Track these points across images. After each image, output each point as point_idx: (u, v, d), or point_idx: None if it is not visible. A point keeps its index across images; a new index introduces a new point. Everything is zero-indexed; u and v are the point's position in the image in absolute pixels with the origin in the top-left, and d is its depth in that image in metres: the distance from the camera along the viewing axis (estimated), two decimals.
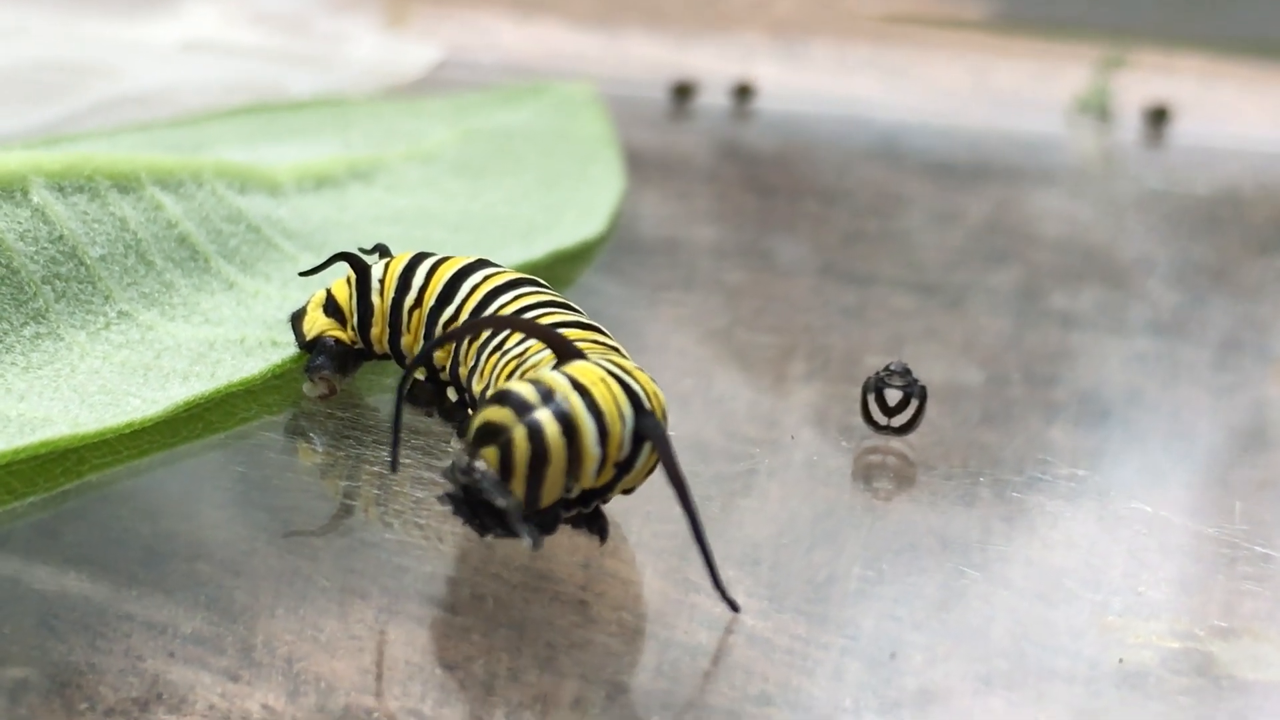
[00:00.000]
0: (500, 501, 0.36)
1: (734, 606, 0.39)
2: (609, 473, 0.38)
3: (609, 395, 0.37)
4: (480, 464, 0.36)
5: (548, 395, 0.37)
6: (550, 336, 0.39)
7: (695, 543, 0.37)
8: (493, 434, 0.36)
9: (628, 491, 0.40)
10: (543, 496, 0.37)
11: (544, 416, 0.36)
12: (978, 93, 1.14)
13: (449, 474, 0.37)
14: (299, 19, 1.16)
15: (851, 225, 0.81)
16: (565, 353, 0.39)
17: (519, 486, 0.36)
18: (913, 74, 1.17)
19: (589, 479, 0.37)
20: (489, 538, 0.37)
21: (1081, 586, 0.42)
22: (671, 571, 0.41)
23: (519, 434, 0.36)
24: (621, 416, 0.37)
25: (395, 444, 0.40)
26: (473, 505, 0.36)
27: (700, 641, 0.38)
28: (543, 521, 0.37)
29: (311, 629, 0.37)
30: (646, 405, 0.38)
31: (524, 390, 0.37)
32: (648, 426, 0.38)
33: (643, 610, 0.40)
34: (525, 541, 0.36)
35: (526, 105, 0.87)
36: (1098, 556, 0.44)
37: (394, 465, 0.41)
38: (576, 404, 0.37)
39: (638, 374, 0.39)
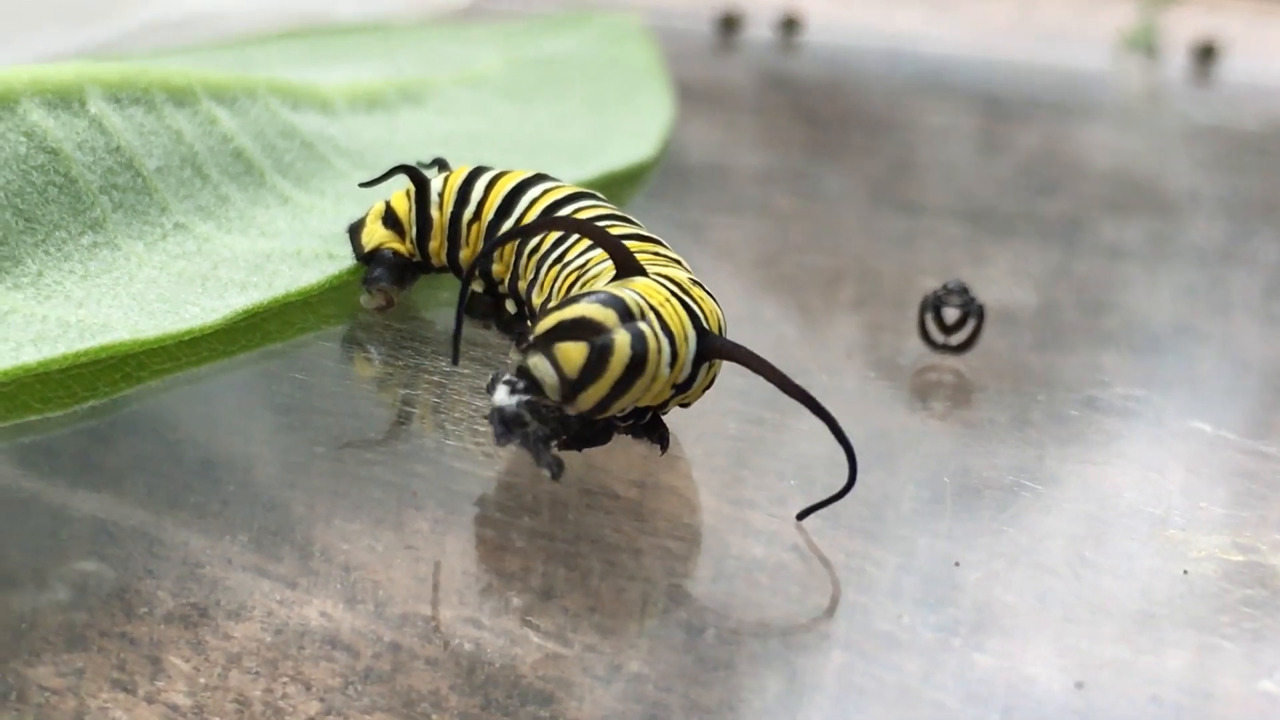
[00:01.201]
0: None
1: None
2: (666, 392, 0.38)
3: (677, 317, 0.37)
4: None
5: (641, 312, 0.36)
6: (612, 245, 0.38)
7: (821, 418, 0.37)
8: (590, 329, 0.35)
9: (685, 405, 0.40)
10: (617, 404, 0.36)
11: (646, 329, 0.36)
12: (1024, 27, 1.13)
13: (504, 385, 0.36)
14: None
15: (899, 155, 0.81)
16: (626, 266, 0.38)
17: (605, 387, 0.36)
18: (959, 8, 1.16)
19: (649, 397, 0.37)
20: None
21: (1142, 502, 0.41)
22: (725, 488, 0.41)
23: (621, 338, 0.36)
24: (687, 338, 0.37)
25: (457, 335, 0.39)
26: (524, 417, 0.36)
27: (756, 556, 0.38)
28: (596, 434, 0.37)
29: (369, 537, 0.37)
30: (705, 325, 0.38)
31: (626, 296, 0.36)
32: (719, 347, 0.38)
33: (698, 524, 0.40)
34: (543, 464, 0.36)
35: (573, 34, 0.87)
36: (1156, 473, 0.44)
37: (455, 357, 0.40)
38: (654, 324, 0.36)
39: (694, 291, 0.38)
